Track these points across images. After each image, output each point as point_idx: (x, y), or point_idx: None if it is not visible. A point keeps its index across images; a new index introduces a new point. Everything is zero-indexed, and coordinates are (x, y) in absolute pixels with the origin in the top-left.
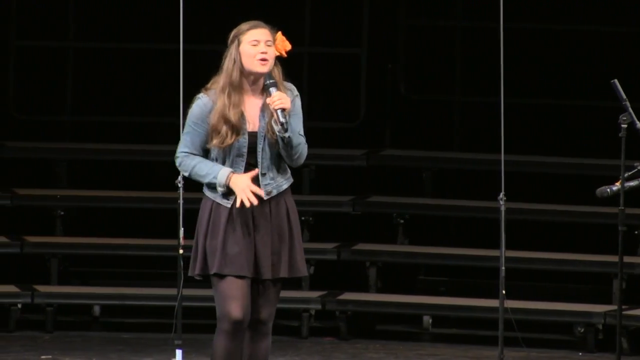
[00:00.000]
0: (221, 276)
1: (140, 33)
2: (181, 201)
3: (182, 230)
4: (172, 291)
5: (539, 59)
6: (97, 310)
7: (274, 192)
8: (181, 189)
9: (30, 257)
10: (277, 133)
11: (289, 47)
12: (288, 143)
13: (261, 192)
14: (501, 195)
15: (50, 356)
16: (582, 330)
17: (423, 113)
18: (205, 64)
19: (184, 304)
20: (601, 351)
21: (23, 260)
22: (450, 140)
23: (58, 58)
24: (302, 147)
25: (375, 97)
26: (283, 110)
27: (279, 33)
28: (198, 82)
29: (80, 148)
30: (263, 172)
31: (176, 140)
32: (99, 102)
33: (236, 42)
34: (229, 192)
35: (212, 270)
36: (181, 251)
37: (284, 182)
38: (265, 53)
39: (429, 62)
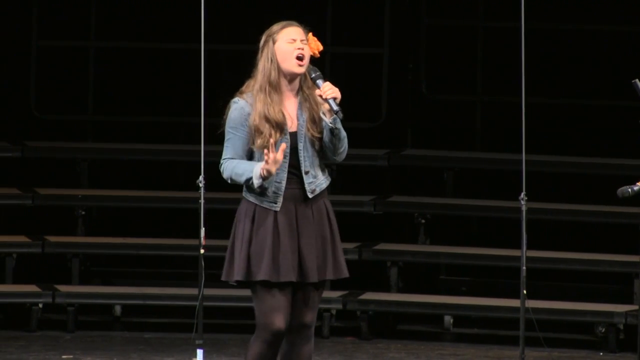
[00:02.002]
0: (267, 284)
1: (161, 33)
2: (202, 201)
3: (203, 230)
4: (193, 291)
5: (561, 59)
6: (118, 310)
7: (317, 190)
8: (202, 188)
9: (52, 256)
10: (329, 124)
11: (321, 47)
12: (337, 135)
13: (283, 145)
14: (522, 195)
15: (71, 356)
16: (604, 330)
17: (444, 113)
18: (226, 64)
19: (205, 303)
20: (622, 351)
21: (44, 260)
22: (471, 140)
23: (79, 58)
24: (346, 141)
25: (396, 97)
26: (335, 99)
27: (310, 34)
28: (219, 82)
29: (102, 148)
30: (306, 170)
31: (197, 140)
32: (120, 102)
33: (270, 41)
34: (266, 191)
35: (259, 277)
36: (202, 251)
37: (324, 181)
38: (302, 49)
39: (450, 62)
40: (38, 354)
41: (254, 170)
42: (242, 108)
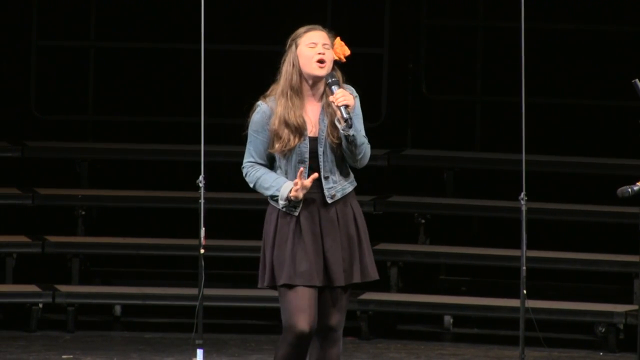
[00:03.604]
0: (290, 286)
1: (161, 33)
2: (202, 201)
3: (203, 229)
4: (193, 291)
5: (560, 59)
6: (118, 310)
7: (338, 195)
8: (202, 188)
9: (52, 256)
10: (341, 131)
11: (348, 52)
12: (352, 142)
13: (315, 175)
14: (522, 195)
15: (71, 356)
16: (603, 330)
17: (444, 113)
18: (226, 64)
19: (205, 303)
20: (622, 351)
21: (44, 260)
22: (471, 140)
23: (79, 58)
24: (365, 146)
25: (396, 97)
26: (346, 107)
27: (338, 38)
28: (219, 83)
29: (102, 148)
30: (326, 175)
31: (197, 140)
32: (120, 102)
33: (293, 45)
34: (288, 207)
35: (281, 281)
36: (202, 251)
37: (348, 185)
38: (323, 54)
39: (450, 62)
40: (38, 354)
41: (282, 191)
42: (263, 112)
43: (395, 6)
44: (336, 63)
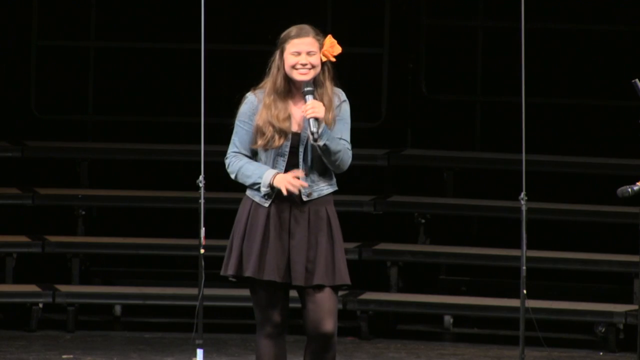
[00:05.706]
0: (259, 281)
1: (161, 33)
2: (202, 201)
3: (203, 229)
4: (193, 291)
5: (560, 59)
6: (118, 309)
7: (315, 195)
8: (202, 188)
9: (52, 256)
10: (311, 142)
11: (338, 50)
12: (325, 150)
13: (305, 184)
14: (522, 194)
15: (71, 356)
16: (603, 329)
17: (444, 113)
18: (227, 64)
19: (205, 303)
20: (622, 351)
21: (44, 260)
22: (471, 140)
23: (79, 58)
24: (342, 153)
25: (396, 97)
26: (316, 119)
27: (329, 37)
28: (219, 82)
29: (102, 147)
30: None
31: (197, 140)
32: (120, 102)
33: (280, 49)
34: (270, 195)
35: (247, 273)
36: (202, 251)
37: (327, 187)
38: (305, 65)
39: (450, 62)
40: (38, 354)
41: (264, 177)
42: (251, 103)
43: (395, 6)
44: (330, 63)
